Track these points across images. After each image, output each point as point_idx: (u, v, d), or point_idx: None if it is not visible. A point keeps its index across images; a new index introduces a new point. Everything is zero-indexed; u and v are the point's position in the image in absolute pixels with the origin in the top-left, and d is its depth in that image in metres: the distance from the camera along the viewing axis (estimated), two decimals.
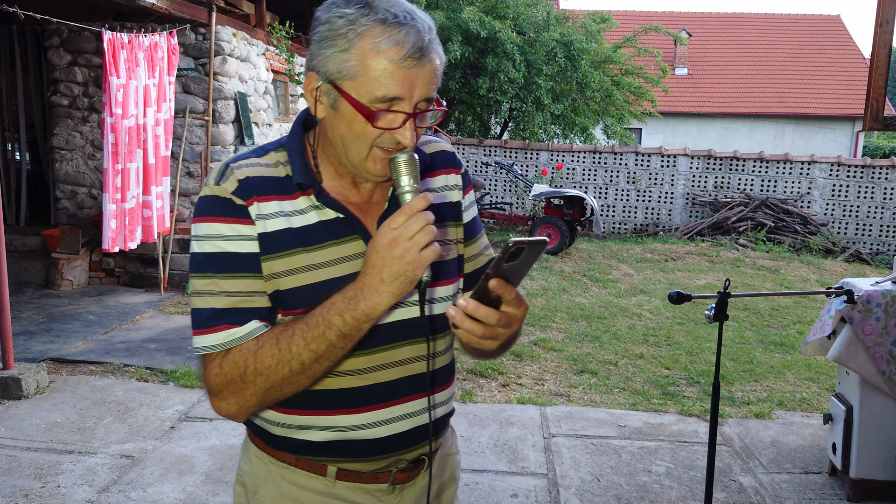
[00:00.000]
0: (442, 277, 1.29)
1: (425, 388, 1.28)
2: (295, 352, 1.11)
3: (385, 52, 1.09)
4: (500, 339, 1.13)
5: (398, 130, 1.13)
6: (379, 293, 1.07)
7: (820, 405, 4.64)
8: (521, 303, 1.12)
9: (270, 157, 1.24)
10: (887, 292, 3.17)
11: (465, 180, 1.39)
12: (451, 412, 1.40)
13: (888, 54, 3.12)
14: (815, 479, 3.59)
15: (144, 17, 6.75)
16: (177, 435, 3.87)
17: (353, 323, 1.09)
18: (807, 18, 25.34)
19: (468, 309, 1.07)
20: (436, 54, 1.14)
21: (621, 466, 3.68)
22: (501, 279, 1.07)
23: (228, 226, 1.17)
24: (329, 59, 1.12)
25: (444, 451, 1.43)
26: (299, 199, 1.21)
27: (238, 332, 1.16)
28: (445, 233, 1.32)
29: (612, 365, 5.30)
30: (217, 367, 1.16)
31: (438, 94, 1.18)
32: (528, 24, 12.78)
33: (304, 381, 1.15)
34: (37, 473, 3.40)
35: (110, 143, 5.79)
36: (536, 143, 12.58)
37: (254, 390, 1.14)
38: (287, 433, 1.26)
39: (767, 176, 12.03)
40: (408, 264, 1.05)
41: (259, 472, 1.31)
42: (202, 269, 1.18)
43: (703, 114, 21.40)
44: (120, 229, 5.95)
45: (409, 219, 1.04)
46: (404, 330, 1.24)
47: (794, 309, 7.27)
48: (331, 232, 1.20)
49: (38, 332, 5.47)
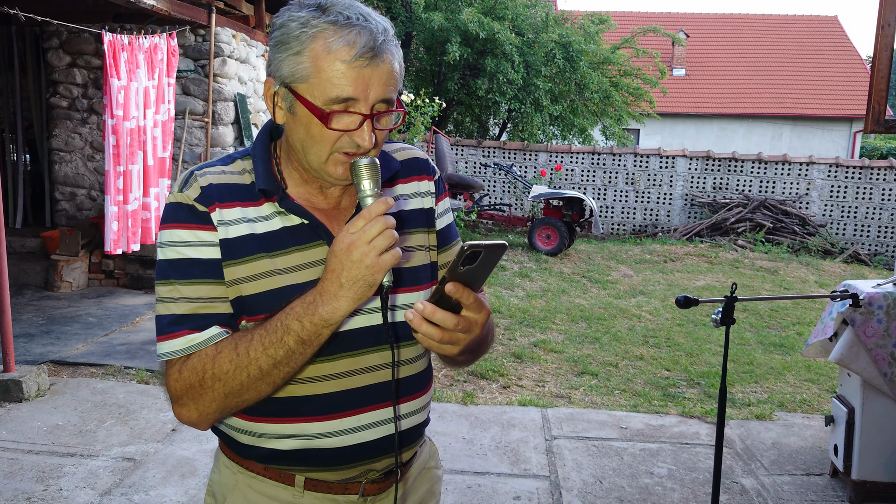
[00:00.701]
0: (410, 284, 1.27)
1: (392, 396, 1.26)
2: (253, 357, 1.10)
3: (336, 52, 1.09)
4: (460, 345, 1.11)
5: (356, 132, 1.12)
6: (338, 298, 1.06)
7: (820, 406, 4.65)
8: (482, 307, 1.11)
9: (237, 165, 1.24)
10: (889, 294, 3.18)
11: (439, 187, 1.38)
12: (424, 422, 1.37)
13: (889, 57, 3.13)
14: (816, 481, 3.60)
15: (144, 19, 6.74)
16: (178, 437, 3.86)
17: (311, 328, 1.08)
18: (804, 19, 25.39)
19: (425, 312, 1.06)
20: (391, 55, 1.13)
21: (623, 468, 3.68)
22: (459, 283, 1.05)
23: (190, 232, 1.17)
24: (283, 62, 1.13)
25: (420, 464, 1.40)
26: (264, 205, 1.20)
27: (197, 337, 1.15)
28: (411, 238, 1.30)
29: (613, 366, 5.31)
30: (177, 373, 1.16)
31: (437, 95, 1.17)
32: (527, 25, 12.79)
33: (265, 387, 1.13)
34: (39, 476, 3.39)
35: (111, 145, 5.78)
36: (535, 144, 12.59)
37: (212, 396, 1.13)
38: (254, 441, 1.25)
39: (766, 177, 12.06)
40: (366, 268, 1.03)
41: (227, 482, 1.30)
42: (165, 276, 1.18)
43: (700, 115, 21.44)
44: (122, 231, 5.95)
45: (368, 223, 1.04)
46: (370, 336, 1.23)
47: (794, 310, 7.28)
48: (295, 238, 1.20)
49: (38, 334, 5.46)
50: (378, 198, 1.09)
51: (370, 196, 1.10)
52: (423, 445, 1.43)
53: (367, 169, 1.11)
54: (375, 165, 1.11)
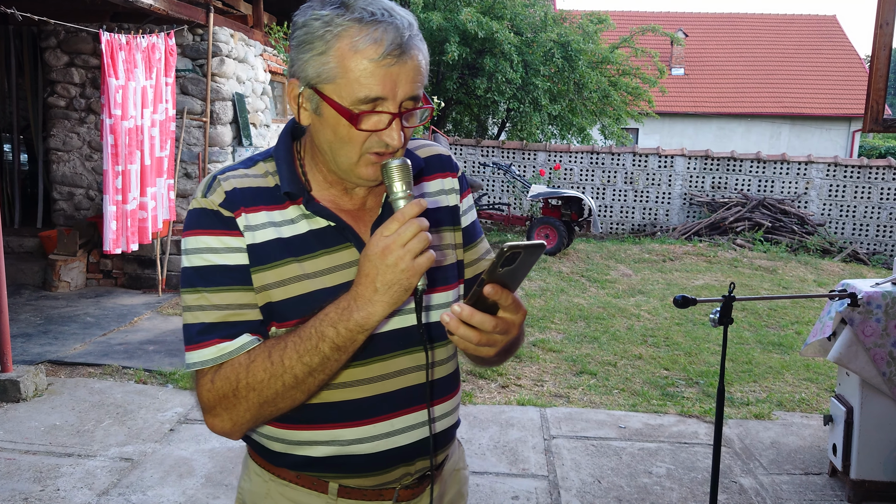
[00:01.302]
0: (440, 284, 1.25)
1: (426, 399, 1.24)
2: (288, 365, 1.08)
3: (363, 51, 1.06)
4: (497, 346, 1.09)
5: (384, 132, 1.10)
6: (373, 303, 1.03)
7: (819, 406, 4.65)
8: (519, 308, 1.09)
9: (259, 168, 1.21)
10: (887, 294, 3.18)
11: (462, 184, 1.36)
12: (456, 423, 1.35)
13: (888, 56, 3.13)
14: (815, 481, 3.60)
15: (142, 18, 6.73)
16: (176, 437, 3.85)
17: (346, 334, 1.05)
18: (803, 19, 25.40)
19: (463, 315, 1.04)
20: (418, 51, 1.10)
21: (622, 468, 3.68)
22: (497, 285, 1.04)
23: (217, 238, 1.15)
24: (308, 63, 1.10)
25: (451, 466, 1.39)
26: (289, 208, 1.18)
27: (229, 346, 1.13)
28: (441, 238, 1.29)
29: (612, 366, 5.30)
30: (209, 383, 1.13)
31: (436, 94, 1.15)
32: (526, 24, 12.78)
33: (299, 395, 1.11)
34: (36, 477, 3.38)
35: (110, 145, 5.77)
36: (534, 144, 12.58)
37: (247, 406, 1.11)
38: (286, 449, 1.23)
39: (764, 176, 12.06)
40: (402, 272, 1.01)
41: (259, 491, 1.28)
42: (192, 284, 1.15)
43: (699, 114, 21.43)
44: (121, 231, 5.94)
45: (402, 226, 1.01)
46: (402, 339, 1.21)
47: (792, 309, 7.28)
48: (322, 241, 1.17)
49: (35, 333, 5.45)
50: (410, 199, 1.07)
51: (402, 198, 1.07)
52: (455, 447, 1.42)
53: (399, 170, 1.07)
54: (407, 166, 1.08)
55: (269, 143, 8.47)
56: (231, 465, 3.56)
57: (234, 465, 3.56)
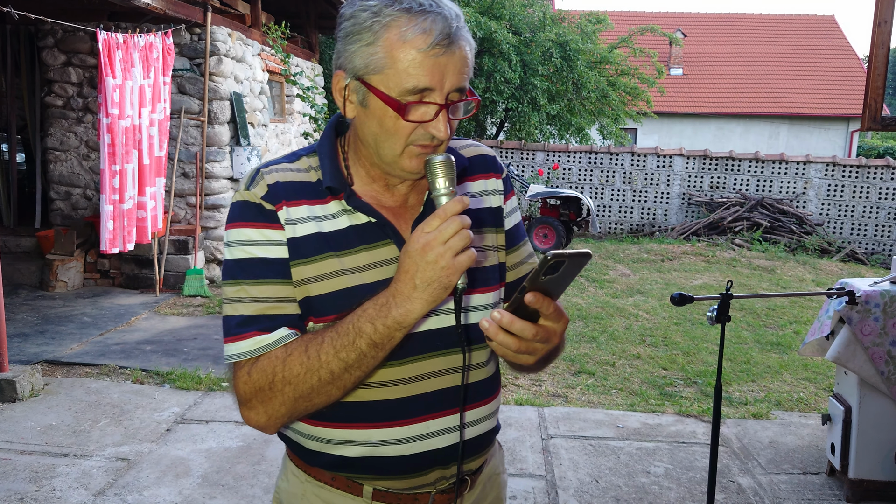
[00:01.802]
0: (480, 285, 1.23)
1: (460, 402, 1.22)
2: (324, 360, 1.07)
3: (412, 41, 1.05)
4: (537, 355, 1.07)
5: (431, 123, 1.09)
6: (412, 300, 1.02)
7: (817, 405, 4.64)
8: (561, 316, 1.07)
9: (302, 163, 1.21)
10: (886, 292, 3.17)
11: (507, 185, 1.34)
12: (494, 428, 1.33)
13: (886, 55, 3.12)
14: (813, 480, 3.59)
15: (139, 17, 6.72)
16: (173, 437, 3.84)
17: (384, 331, 1.04)
18: (801, 19, 25.41)
19: (502, 322, 1.02)
20: (465, 42, 1.09)
21: (620, 467, 3.67)
22: (539, 293, 1.01)
23: (258, 231, 1.14)
24: (355, 54, 1.09)
25: (489, 471, 1.36)
26: (331, 203, 1.17)
27: (266, 339, 1.12)
28: (483, 239, 1.27)
29: (610, 365, 5.29)
30: (245, 375, 1.13)
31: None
32: (524, 24, 12.78)
33: (335, 391, 1.10)
34: (32, 477, 3.37)
35: (107, 144, 5.76)
36: (532, 144, 12.57)
37: (282, 399, 1.11)
38: (321, 447, 1.22)
39: (763, 176, 12.05)
40: (441, 270, 0.99)
41: (295, 491, 1.27)
42: (233, 276, 1.15)
43: (698, 114, 21.43)
44: (118, 230, 5.92)
45: (443, 222, 0.99)
46: (439, 340, 1.19)
47: (791, 309, 7.28)
48: (362, 236, 1.16)
49: (32, 333, 5.44)
50: (453, 196, 1.05)
51: (445, 195, 1.05)
52: (494, 451, 1.39)
53: (443, 166, 1.06)
54: (451, 163, 1.06)
55: (267, 143, 8.46)
56: (227, 465, 3.55)
57: (230, 465, 3.55)
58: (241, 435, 3.88)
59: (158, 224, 6.54)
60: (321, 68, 10.68)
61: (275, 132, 8.78)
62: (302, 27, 10.00)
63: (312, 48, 10.28)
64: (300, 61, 9.48)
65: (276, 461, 3.60)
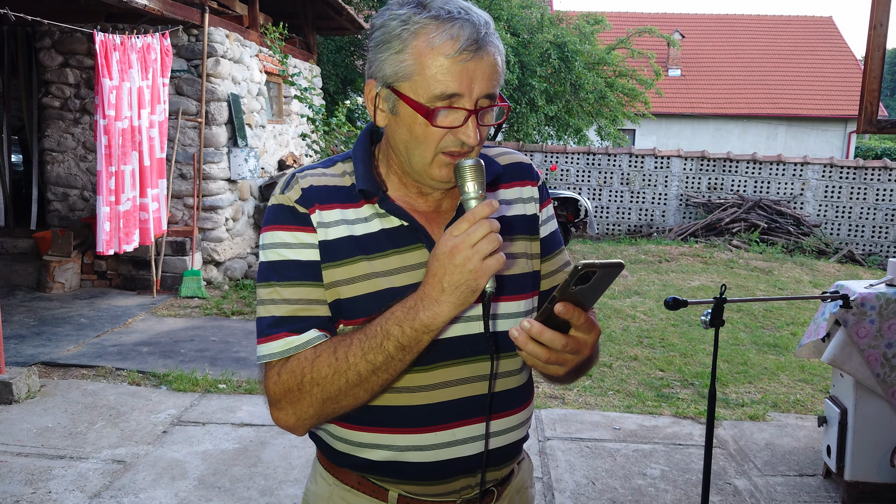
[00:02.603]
0: (511, 292, 1.23)
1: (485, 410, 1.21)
2: (352, 362, 1.07)
3: (439, 47, 1.06)
4: (567, 366, 1.06)
5: (460, 129, 1.09)
6: (439, 303, 1.01)
7: (814, 407, 4.64)
8: (593, 327, 1.05)
9: (337, 168, 1.23)
10: (881, 295, 3.17)
11: (543, 193, 1.33)
12: (523, 438, 1.32)
13: (882, 57, 3.12)
14: (809, 482, 3.59)
15: (137, 19, 6.71)
16: (169, 439, 3.84)
17: (411, 334, 1.04)
18: (799, 20, 25.44)
19: (532, 332, 1.01)
20: (494, 48, 1.10)
21: (616, 469, 3.67)
22: (569, 303, 1.00)
23: (291, 234, 1.16)
24: (385, 62, 1.10)
25: (517, 483, 1.35)
26: (363, 206, 1.18)
27: (296, 340, 1.13)
28: (514, 246, 1.27)
29: (607, 367, 5.29)
30: (275, 376, 1.14)
31: None
32: (522, 25, 12.79)
33: (362, 394, 1.10)
34: (28, 479, 3.36)
35: (103, 146, 5.76)
36: (530, 145, 12.58)
37: (310, 401, 1.11)
38: (348, 450, 1.23)
39: (760, 177, 12.06)
40: (469, 273, 0.98)
41: (322, 493, 1.28)
42: (266, 278, 1.17)
43: (696, 115, 21.45)
44: (115, 232, 5.92)
45: (472, 225, 0.99)
46: (468, 346, 1.19)
47: (788, 310, 7.28)
48: (393, 240, 1.17)
49: (29, 335, 5.43)
50: (482, 200, 1.05)
51: (474, 198, 1.06)
52: (522, 462, 1.38)
53: (472, 170, 1.06)
54: (480, 167, 1.06)
55: (265, 144, 8.45)
56: (224, 467, 3.55)
57: (226, 467, 3.55)
58: (237, 437, 3.88)
59: (163, 225, 6.55)
60: (319, 69, 10.68)
61: (272, 133, 8.78)
62: (300, 28, 10.00)
63: (310, 49, 10.28)
64: (298, 62, 9.48)
65: (272, 463, 3.60)
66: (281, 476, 3.47)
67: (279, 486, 3.38)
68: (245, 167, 7.40)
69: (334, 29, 11.09)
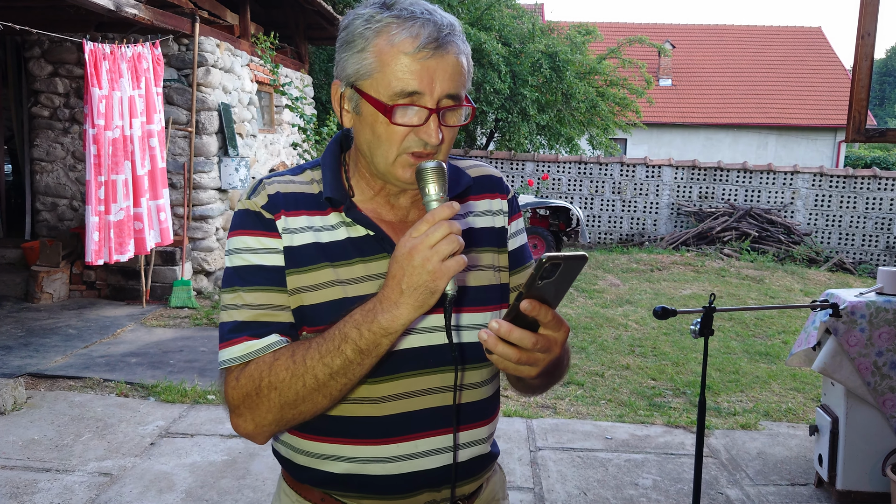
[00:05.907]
0: (476, 303, 1.22)
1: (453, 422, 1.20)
2: (309, 365, 1.06)
3: (399, 44, 1.06)
4: (539, 366, 1.05)
5: (422, 129, 1.09)
6: (398, 305, 1.00)
7: (806, 416, 4.64)
8: (561, 325, 1.04)
9: (306, 175, 1.22)
10: (871, 303, 3.18)
11: (512, 206, 1.33)
12: (491, 453, 1.31)
13: (870, 66, 3.14)
14: (801, 491, 3.58)
15: (127, 28, 6.69)
16: (157, 451, 3.80)
17: (370, 337, 1.03)
18: (788, 31, 25.64)
19: (501, 332, 0.99)
20: (457, 49, 1.10)
21: (608, 480, 3.65)
22: (535, 300, 0.99)
23: (256, 238, 1.16)
24: (348, 61, 1.11)
25: (487, 496, 1.32)
26: (330, 214, 1.18)
27: (257, 344, 1.12)
28: (480, 259, 1.25)
29: (599, 376, 5.28)
30: (234, 381, 1.12)
31: None
32: (514, 35, 12.84)
33: (321, 399, 1.08)
34: (12, 492, 3.31)
35: (93, 155, 5.72)
36: (522, 154, 12.60)
37: (268, 406, 1.09)
38: (310, 462, 1.21)
39: (751, 186, 12.12)
40: (428, 274, 0.97)
41: None
42: (230, 284, 1.17)
43: (687, 124, 21.56)
44: (104, 242, 5.87)
45: (431, 227, 0.98)
46: (432, 357, 1.17)
47: (779, 319, 7.29)
48: (359, 249, 1.16)
49: (16, 346, 5.38)
50: (443, 202, 1.04)
51: (435, 200, 1.05)
52: (493, 475, 1.35)
53: (433, 173, 1.05)
54: (442, 170, 1.06)
55: (256, 154, 8.43)
56: (212, 479, 3.51)
57: (214, 479, 3.51)
58: (225, 449, 3.84)
59: (170, 236, 6.52)
60: (311, 79, 10.68)
61: (264, 143, 8.76)
62: (291, 38, 10.00)
63: (302, 59, 10.27)
64: (289, 72, 9.47)
65: (260, 475, 3.56)
66: (269, 488, 3.44)
67: (267, 498, 3.34)
68: (236, 176, 7.38)
69: (326, 39, 11.09)
